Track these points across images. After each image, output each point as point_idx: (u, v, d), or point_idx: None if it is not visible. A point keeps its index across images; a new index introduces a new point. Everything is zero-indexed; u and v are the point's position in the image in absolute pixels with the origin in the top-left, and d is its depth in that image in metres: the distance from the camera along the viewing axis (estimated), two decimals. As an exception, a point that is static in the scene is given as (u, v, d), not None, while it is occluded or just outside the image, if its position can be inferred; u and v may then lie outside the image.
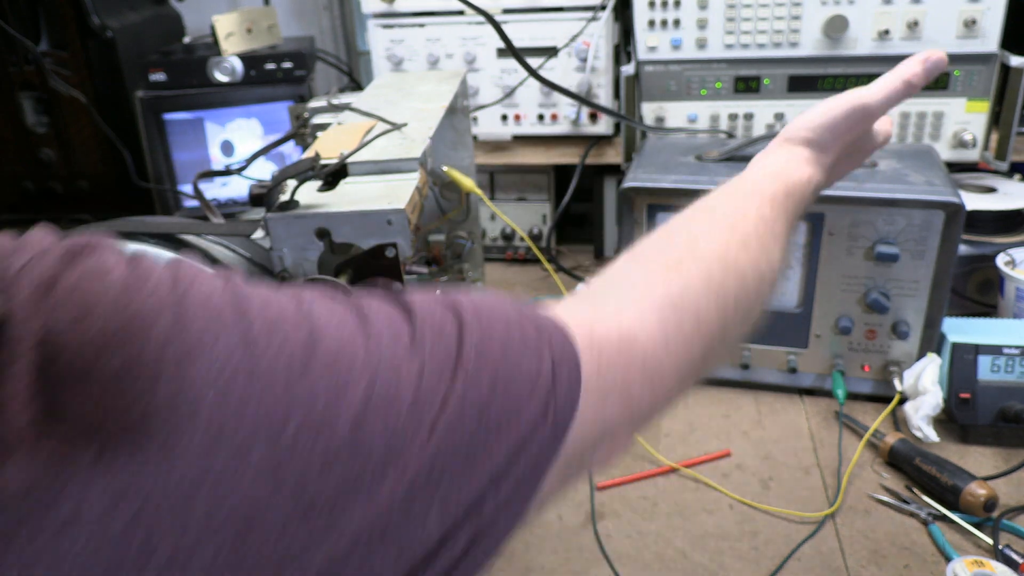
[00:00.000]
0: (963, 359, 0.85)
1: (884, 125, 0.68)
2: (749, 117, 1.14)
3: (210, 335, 0.24)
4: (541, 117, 1.23)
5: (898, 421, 0.89)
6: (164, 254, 0.61)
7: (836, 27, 1.04)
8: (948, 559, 0.71)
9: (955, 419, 0.85)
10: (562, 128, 1.23)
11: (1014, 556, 0.70)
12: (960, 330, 0.88)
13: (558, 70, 1.18)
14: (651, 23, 1.11)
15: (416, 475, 0.28)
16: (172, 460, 0.22)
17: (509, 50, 0.94)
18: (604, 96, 1.20)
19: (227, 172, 0.82)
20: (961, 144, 1.08)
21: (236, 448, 0.24)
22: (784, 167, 0.58)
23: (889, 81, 0.62)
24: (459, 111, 0.97)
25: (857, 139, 0.64)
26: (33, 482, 0.20)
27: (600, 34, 1.16)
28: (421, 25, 1.22)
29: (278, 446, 0.25)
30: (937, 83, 1.07)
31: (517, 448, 0.31)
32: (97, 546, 0.21)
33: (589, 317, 0.40)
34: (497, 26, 0.94)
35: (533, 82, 1.12)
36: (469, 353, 0.31)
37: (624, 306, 0.42)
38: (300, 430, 0.25)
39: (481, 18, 0.96)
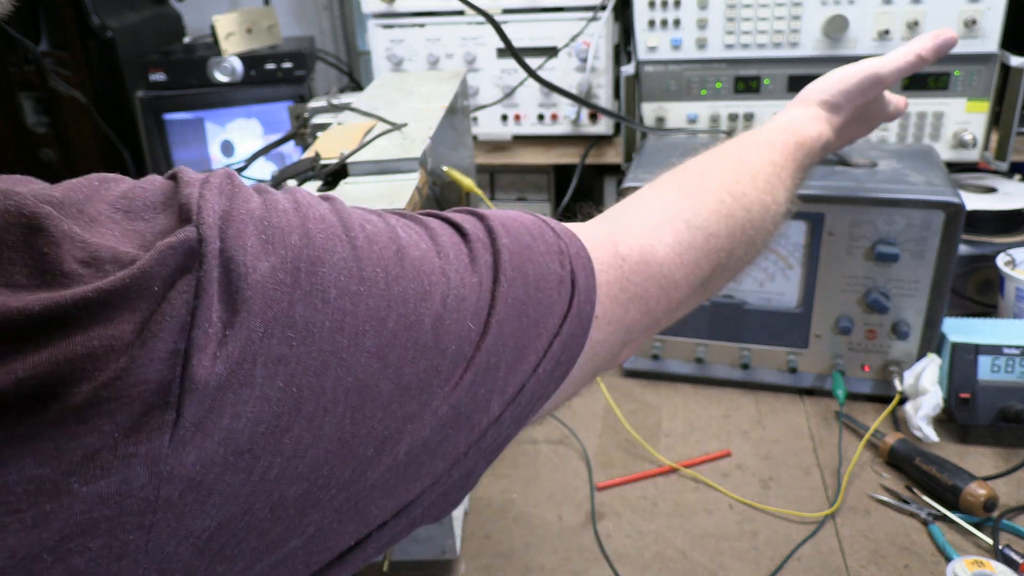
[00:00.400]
0: (963, 359, 0.85)
1: (899, 101, 0.74)
2: (749, 117, 1.14)
3: (328, 247, 0.30)
4: (541, 117, 1.23)
5: (898, 421, 0.89)
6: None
7: (836, 27, 1.04)
8: (948, 559, 0.71)
9: (955, 419, 0.85)
10: (562, 128, 1.23)
11: (1014, 556, 0.70)
12: (960, 330, 0.88)
13: (558, 70, 1.18)
14: (651, 23, 1.11)
15: (479, 367, 0.34)
16: (312, 339, 0.28)
17: (509, 50, 0.94)
18: (604, 96, 1.20)
19: (227, 172, 0.82)
20: (961, 144, 1.08)
21: (354, 334, 0.30)
22: (797, 121, 0.63)
23: (902, 54, 0.68)
24: (459, 111, 0.97)
25: (868, 105, 0.70)
26: (228, 370, 0.26)
27: (600, 34, 1.16)
28: (421, 25, 1.22)
29: (383, 335, 0.31)
30: (937, 83, 1.07)
31: (551, 339, 0.37)
32: (263, 398, 0.27)
33: (612, 233, 0.44)
34: (497, 26, 0.94)
35: (533, 82, 1.12)
36: (506, 264, 0.36)
37: (643, 223, 0.47)
38: (398, 324, 0.31)
39: (481, 18, 0.96)
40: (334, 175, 0.69)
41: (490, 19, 0.94)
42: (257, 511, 0.28)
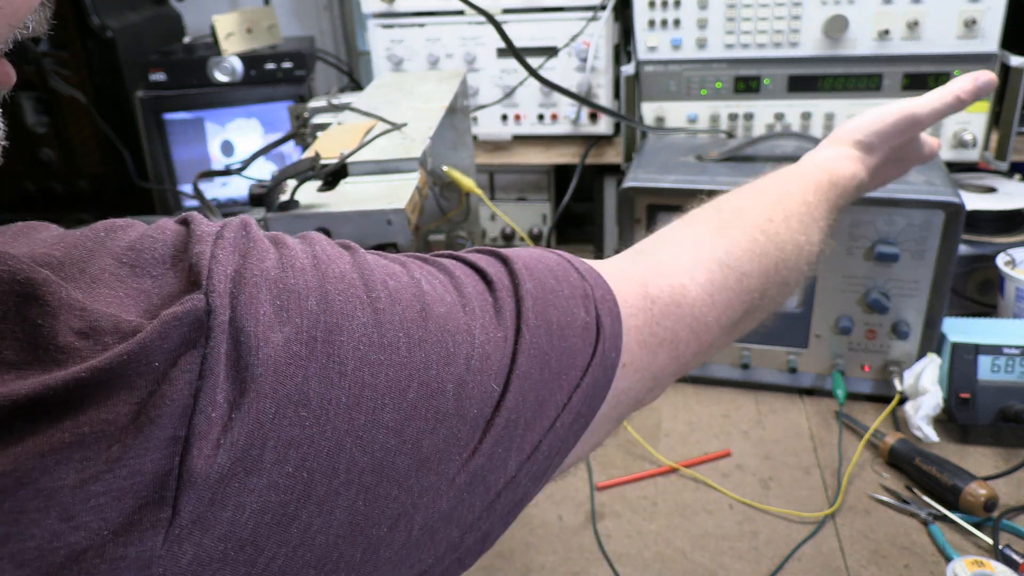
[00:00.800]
0: (963, 359, 0.85)
1: (933, 142, 0.73)
2: (749, 117, 1.14)
3: (348, 312, 0.29)
4: (541, 117, 1.23)
5: (898, 421, 0.89)
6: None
7: (836, 27, 1.04)
8: (948, 559, 0.71)
9: (955, 419, 0.85)
10: (562, 128, 1.23)
11: (1014, 556, 0.70)
12: (960, 330, 0.88)
13: (558, 70, 1.18)
14: (651, 23, 1.11)
15: (500, 428, 0.32)
16: (326, 417, 0.26)
17: (509, 50, 0.94)
18: (604, 96, 1.20)
19: (227, 172, 0.82)
20: (961, 144, 1.08)
21: (371, 409, 0.28)
22: (831, 160, 0.62)
23: (940, 95, 0.66)
24: (459, 111, 0.97)
25: (904, 146, 0.68)
26: (233, 459, 0.24)
27: (600, 34, 1.16)
28: (421, 25, 1.22)
29: (402, 408, 0.29)
30: (937, 83, 1.07)
31: (572, 391, 0.35)
32: (271, 486, 0.25)
33: (642, 273, 0.43)
34: (497, 26, 0.94)
35: (533, 82, 1.12)
36: (529, 313, 0.34)
37: (675, 263, 0.45)
38: (419, 394, 0.29)
39: (481, 18, 0.96)
40: (334, 175, 0.69)
41: (490, 19, 0.94)
42: None
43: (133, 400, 0.23)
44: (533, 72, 1.00)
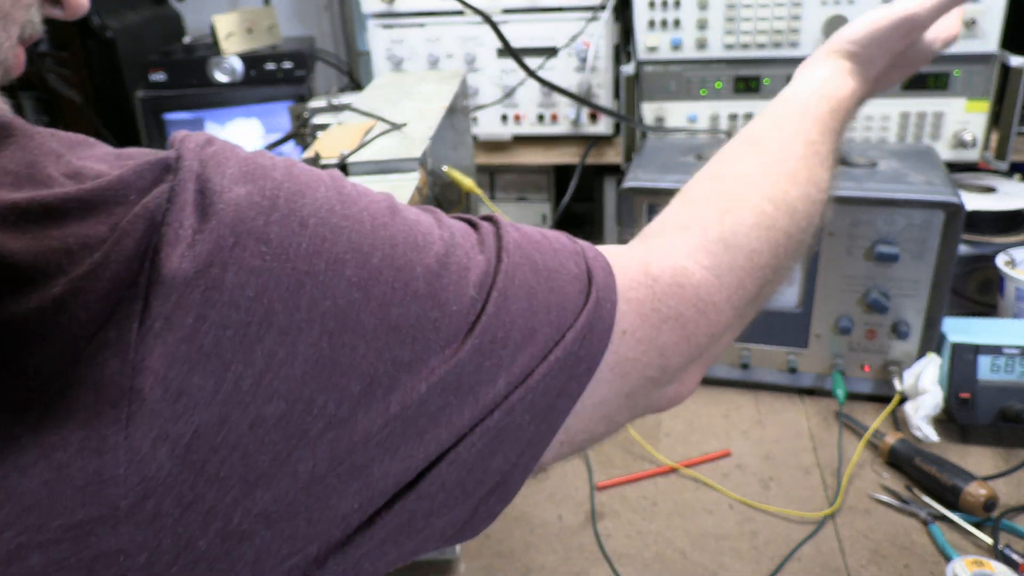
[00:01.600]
0: (963, 359, 0.85)
1: (949, 29, 0.64)
2: (749, 117, 1.14)
3: (312, 185, 0.31)
4: (541, 117, 1.23)
5: (898, 421, 0.89)
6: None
7: (836, 27, 1.04)
8: (948, 559, 0.71)
9: (955, 419, 0.85)
10: (562, 128, 1.23)
11: (1014, 556, 0.70)
12: (960, 330, 0.88)
13: (558, 70, 1.18)
14: (651, 23, 1.11)
15: (483, 337, 0.33)
16: (286, 257, 0.29)
17: (507, 51, 0.94)
18: (604, 96, 1.20)
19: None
20: (961, 144, 1.08)
21: (332, 261, 0.30)
22: (828, 83, 0.57)
23: None
24: (459, 111, 0.97)
25: (906, 49, 0.63)
26: (196, 269, 0.27)
27: (600, 34, 1.16)
28: (421, 25, 1.22)
29: (365, 269, 0.31)
30: (937, 83, 1.07)
31: (564, 329, 0.36)
32: (231, 304, 0.28)
33: (643, 254, 0.43)
34: (495, 27, 0.94)
35: (533, 82, 1.12)
36: (512, 247, 0.36)
37: (678, 244, 0.45)
38: (383, 263, 0.31)
39: (481, 18, 0.96)
40: (334, 175, 0.69)
41: (488, 20, 0.94)
42: (234, 425, 0.28)
43: (110, 222, 0.27)
44: (531, 73, 1.00)
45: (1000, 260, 0.97)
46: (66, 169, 0.28)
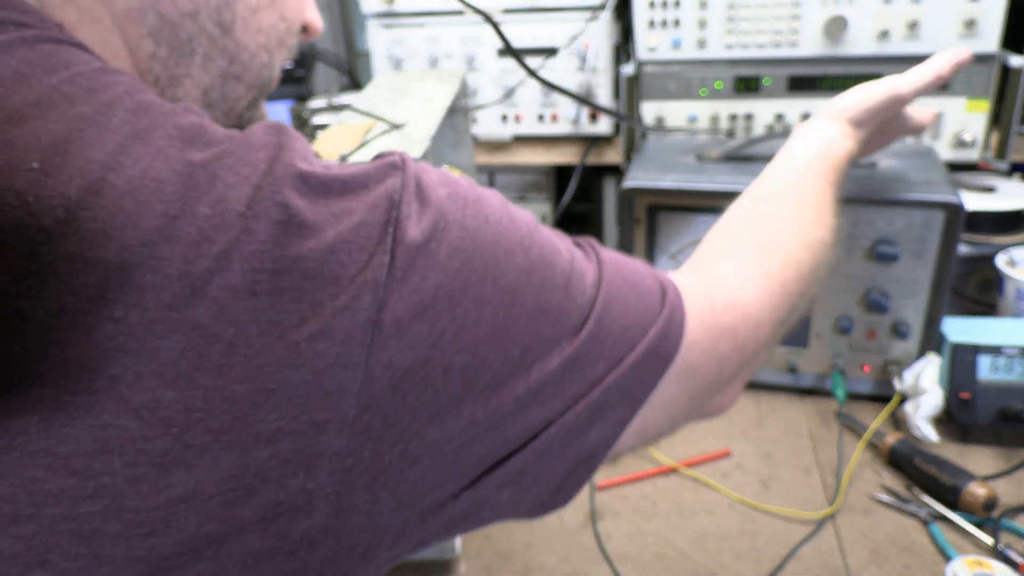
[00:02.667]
0: (963, 359, 0.85)
1: (925, 116, 0.80)
2: (749, 117, 1.14)
3: (486, 195, 0.38)
4: (541, 117, 1.23)
5: (898, 421, 0.89)
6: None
7: (836, 27, 1.04)
8: (948, 559, 0.71)
9: (955, 419, 0.85)
10: (562, 128, 1.23)
11: (1014, 556, 0.70)
12: (960, 330, 0.88)
13: (558, 70, 1.18)
14: (651, 23, 1.11)
15: (595, 327, 0.39)
16: (478, 240, 0.36)
17: (508, 50, 0.94)
18: (604, 96, 1.20)
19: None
20: (961, 144, 1.08)
21: (508, 249, 0.37)
22: (829, 145, 0.68)
23: (922, 74, 0.74)
24: (459, 111, 0.97)
25: (889, 120, 0.76)
26: (423, 239, 0.34)
27: (600, 34, 1.16)
28: (421, 25, 1.22)
29: (527, 261, 0.37)
30: (937, 83, 1.07)
31: (648, 328, 0.42)
32: (444, 271, 0.34)
33: (702, 279, 0.50)
34: (496, 26, 0.94)
35: (533, 82, 1.12)
36: (607, 261, 0.43)
37: (728, 274, 0.53)
38: (538, 258, 0.38)
39: (481, 18, 0.96)
40: (334, 175, 0.69)
41: (489, 19, 0.94)
42: (434, 366, 0.34)
43: (360, 198, 0.34)
44: (532, 72, 1.00)
45: (1000, 260, 0.97)
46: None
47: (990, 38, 1.02)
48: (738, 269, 0.54)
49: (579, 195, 1.27)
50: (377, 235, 0.33)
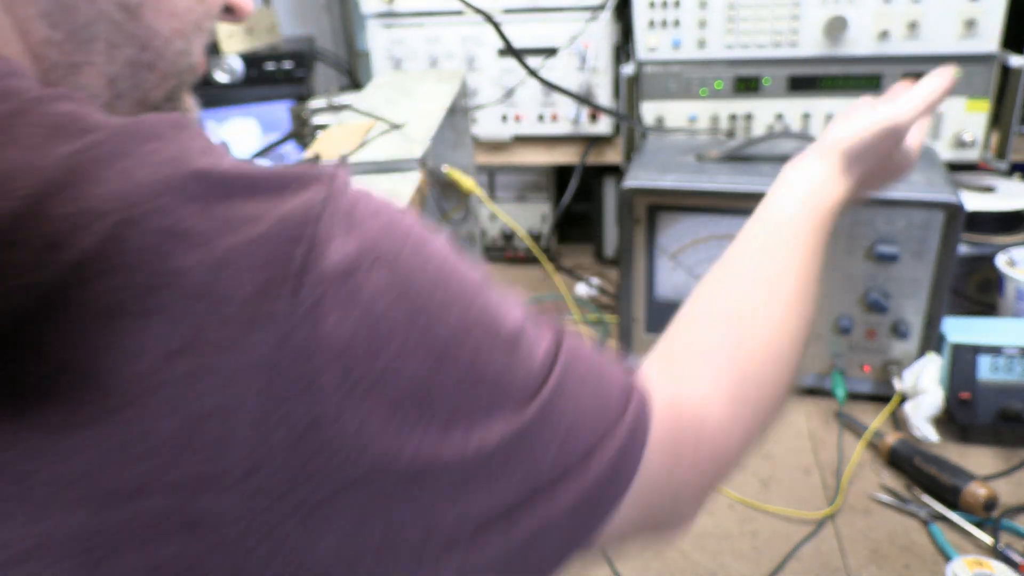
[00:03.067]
0: (963, 359, 0.85)
1: (916, 139, 0.70)
2: (749, 117, 1.14)
3: (431, 238, 0.34)
4: (541, 117, 1.23)
5: (898, 421, 0.89)
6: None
7: (836, 27, 1.04)
8: (948, 559, 0.71)
9: (955, 419, 0.85)
10: (562, 128, 1.23)
11: (1014, 556, 0.70)
12: (960, 330, 0.88)
13: (558, 70, 1.18)
14: (651, 23, 1.11)
15: (533, 419, 0.34)
16: (413, 282, 0.31)
17: (508, 50, 0.94)
18: (604, 96, 1.20)
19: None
20: (961, 144, 1.08)
21: (443, 300, 0.32)
22: (818, 188, 0.60)
23: (915, 105, 0.65)
24: (459, 111, 0.97)
25: (888, 155, 0.66)
26: (347, 268, 0.29)
27: (600, 34, 1.16)
28: (421, 25, 1.22)
29: (468, 313, 0.33)
30: (937, 83, 1.07)
31: (598, 445, 0.36)
32: (363, 319, 0.29)
33: (673, 384, 0.44)
34: (496, 26, 0.94)
35: (533, 82, 1.12)
36: (567, 338, 0.37)
37: (698, 379, 0.46)
38: (481, 314, 0.33)
39: (481, 18, 0.96)
40: (334, 175, 0.69)
41: (489, 19, 0.94)
42: (346, 423, 0.29)
43: (276, 210, 0.29)
44: (532, 72, 1.00)
45: (1000, 260, 0.97)
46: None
47: (990, 38, 1.02)
48: (709, 373, 0.47)
49: (579, 195, 1.27)
50: (282, 254, 0.28)
